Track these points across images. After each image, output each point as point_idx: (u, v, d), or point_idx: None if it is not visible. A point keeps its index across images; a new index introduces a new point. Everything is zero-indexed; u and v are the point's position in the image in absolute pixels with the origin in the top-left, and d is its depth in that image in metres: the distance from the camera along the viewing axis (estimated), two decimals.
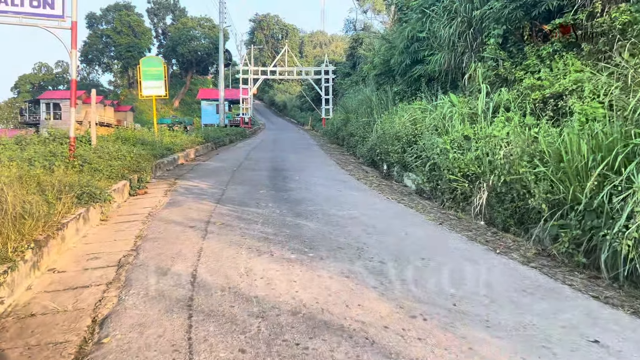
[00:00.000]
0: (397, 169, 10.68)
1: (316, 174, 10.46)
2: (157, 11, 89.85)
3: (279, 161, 13.19)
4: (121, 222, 5.74)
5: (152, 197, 7.48)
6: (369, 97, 16.89)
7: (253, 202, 6.79)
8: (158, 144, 13.33)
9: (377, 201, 7.37)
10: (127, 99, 77.87)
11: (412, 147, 9.97)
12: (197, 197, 7.27)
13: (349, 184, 9.31)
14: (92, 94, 9.70)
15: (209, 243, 4.59)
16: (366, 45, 37.81)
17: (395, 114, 13.53)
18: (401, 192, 8.68)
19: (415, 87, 15.49)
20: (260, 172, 10.62)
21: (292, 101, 71.63)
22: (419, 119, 10.64)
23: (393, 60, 16.39)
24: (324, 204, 6.74)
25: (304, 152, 16.92)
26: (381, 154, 11.80)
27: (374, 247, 4.59)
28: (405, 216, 6.33)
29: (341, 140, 21.55)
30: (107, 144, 9.90)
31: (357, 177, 10.52)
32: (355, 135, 16.31)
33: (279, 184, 8.74)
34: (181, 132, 18.60)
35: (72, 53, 7.48)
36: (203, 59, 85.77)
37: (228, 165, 12.03)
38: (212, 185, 8.58)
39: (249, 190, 7.88)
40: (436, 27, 13.34)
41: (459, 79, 12.73)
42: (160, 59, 19.81)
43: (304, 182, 9.05)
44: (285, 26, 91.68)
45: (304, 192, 7.78)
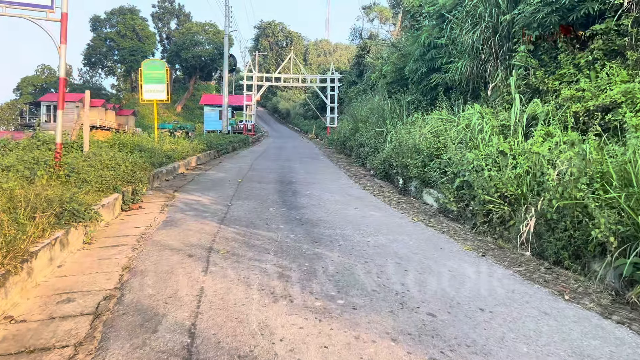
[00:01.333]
0: (416, 185, 9.80)
1: (328, 188, 9.58)
2: (161, 16, 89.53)
3: (286, 172, 12.31)
4: (108, 246, 4.85)
5: (147, 213, 6.60)
6: (381, 106, 16.03)
7: (262, 223, 5.90)
8: (157, 151, 12.48)
9: (402, 223, 6.48)
10: (130, 103, 77.28)
11: (434, 161, 9.11)
12: (198, 215, 6.38)
13: (366, 200, 8.43)
14: (86, 95, 8.86)
15: (212, 280, 3.70)
16: (373, 54, 37.08)
17: (412, 124, 12.68)
18: (425, 212, 7.79)
19: (431, 97, 14.66)
20: (267, 184, 9.74)
21: (296, 109, 71.01)
22: (442, 130, 9.78)
23: (407, 68, 15.57)
24: (343, 227, 5.86)
25: (312, 163, 16.04)
26: (397, 167, 10.93)
27: (415, 290, 3.70)
28: (439, 244, 5.43)
29: (349, 151, 20.71)
30: (101, 151, 9.04)
31: (372, 192, 9.64)
32: (366, 146, 15.45)
33: (288, 199, 7.86)
34: (182, 139, 17.76)
35: (61, 48, 6.64)
36: (207, 64, 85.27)
37: (232, 176, 11.15)
38: (214, 199, 7.70)
39: (256, 207, 6.99)
40: (457, 33, 12.54)
41: (481, 89, 11.90)
42: (162, 62, 19.03)
43: (316, 197, 8.17)
44: (290, 34, 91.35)
45: (318, 211, 6.89)
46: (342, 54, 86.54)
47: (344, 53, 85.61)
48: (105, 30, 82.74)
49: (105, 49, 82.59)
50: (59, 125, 6.80)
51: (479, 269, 4.50)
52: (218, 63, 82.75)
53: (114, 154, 9.03)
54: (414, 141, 10.20)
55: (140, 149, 12.60)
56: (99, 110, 56.22)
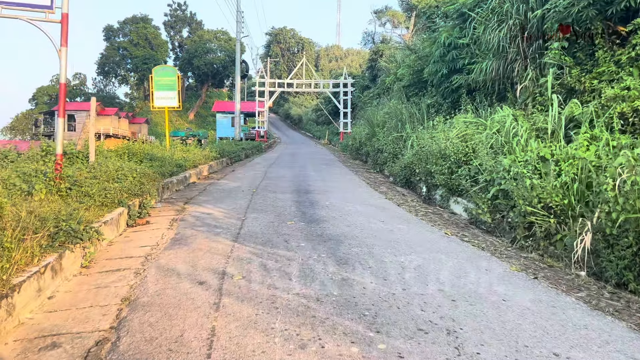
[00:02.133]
0: (442, 193, 9.14)
1: (348, 198, 8.97)
2: (173, 24, 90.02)
3: (301, 180, 11.73)
4: (108, 270, 4.29)
5: (155, 229, 6.04)
6: (399, 110, 15.39)
7: (280, 241, 5.30)
8: (168, 160, 11.98)
9: (434, 238, 5.83)
10: (143, 111, 77.58)
11: (462, 167, 8.46)
12: (210, 231, 5.80)
13: (390, 211, 7.79)
14: (92, 103, 8.38)
15: (225, 318, 3.10)
16: (387, 57, 36.46)
17: (434, 128, 12.04)
18: (455, 224, 7.13)
19: (452, 99, 14.00)
20: (283, 194, 9.15)
21: (308, 115, 70.60)
22: (470, 134, 9.12)
23: (427, 70, 14.92)
24: (371, 244, 5.23)
25: (327, 170, 15.44)
26: (420, 174, 10.27)
27: (469, 328, 3.06)
28: (482, 263, 4.78)
29: (364, 157, 20.09)
30: (107, 161, 8.54)
31: (395, 201, 9.00)
32: (384, 152, 14.81)
33: (307, 211, 7.25)
34: (194, 146, 17.29)
35: (62, 52, 6.14)
36: (219, 71, 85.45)
37: (245, 185, 10.59)
38: (227, 212, 7.12)
39: (273, 222, 6.40)
40: (480, 32, 11.89)
41: (507, 90, 11.23)
42: (174, 69, 18.64)
43: (337, 209, 7.55)
44: (302, 40, 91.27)
45: (341, 224, 6.27)
46: (354, 59, 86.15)
47: (355, 58, 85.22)
48: (118, 39, 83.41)
49: (118, 58, 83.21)
50: (59, 134, 6.30)
51: (536, 295, 3.84)
52: (230, 70, 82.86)
53: (121, 164, 8.53)
54: (439, 146, 9.55)
55: (151, 158, 12.13)
56: (112, 118, 56.39)
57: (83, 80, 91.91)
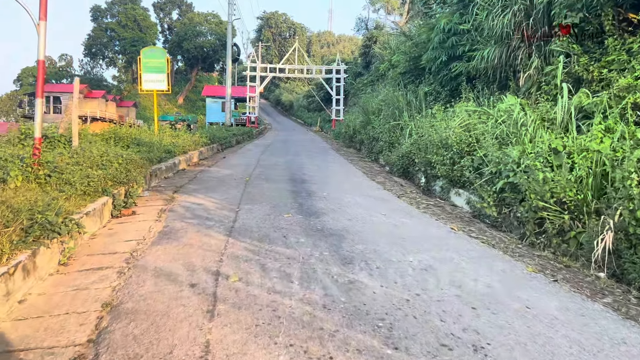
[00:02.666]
0: (442, 184, 8.80)
1: (345, 188, 8.60)
2: (163, 6, 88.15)
3: (296, 169, 11.32)
4: (88, 269, 3.87)
5: (142, 220, 5.62)
6: (395, 98, 14.97)
7: (278, 236, 4.90)
8: (157, 145, 11.49)
9: (441, 234, 5.49)
10: (131, 95, 76.17)
11: (464, 158, 8.11)
12: (202, 224, 5.39)
13: (391, 203, 7.44)
14: (75, 84, 7.87)
15: (221, 329, 2.72)
16: (381, 44, 35.91)
17: (433, 117, 11.67)
18: (460, 217, 6.80)
19: (451, 87, 13.62)
20: (278, 183, 8.75)
21: (299, 101, 69.81)
22: (473, 124, 8.76)
23: (425, 56, 14.49)
24: (375, 240, 4.87)
25: (322, 158, 15.03)
26: (419, 164, 9.92)
27: (497, 343, 2.71)
28: (496, 263, 4.43)
29: (358, 144, 19.69)
30: (92, 146, 8.06)
31: (395, 192, 8.65)
32: (380, 140, 14.43)
33: (305, 202, 6.86)
34: (184, 131, 16.75)
35: (41, 26, 5.63)
36: (209, 55, 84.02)
37: (238, 173, 10.16)
38: (220, 203, 6.71)
39: (269, 214, 6.00)
40: (482, 17, 11.47)
41: (509, 78, 10.87)
42: (163, 51, 18.00)
43: (335, 200, 7.18)
44: (294, 25, 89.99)
45: (341, 218, 5.90)
46: (346, 45, 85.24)
47: (347, 45, 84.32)
48: (106, 20, 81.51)
49: (106, 40, 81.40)
50: (37, 116, 5.82)
51: (561, 302, 3.51)
52: (220, 54, 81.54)
53: (107, 149, 8.05)
54: (440, 136, 9.18)
55: (138, 143, 11.63)
56: (99, 101, 55.24)
57: (69, 62, 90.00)
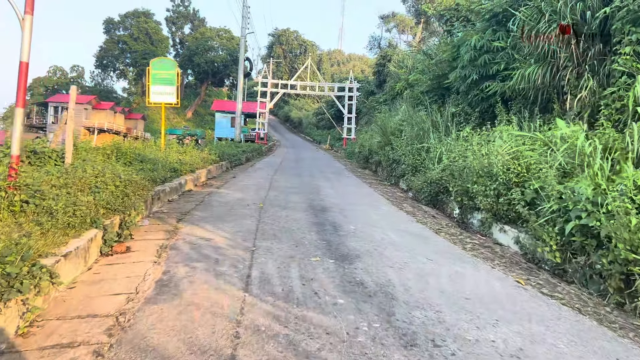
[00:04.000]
0: (483, 217, 7.70)
1: (374, 220, 7.51)
2: (175, 20, 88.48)
3: (313, 193, 10.24)
4: (54, 346, 2.78)
5: (136, 262, 4.54)
6: (420, 118, 13.93)
7: (309, 293, 3.80)
8: (162, 162, 10.48)
9: (510, 292, 4.36)
10: (140, 107, 75.92)
11: (512, 190, 7.00)
12: (210, 270, 4.30)
13: (432, 243, 6.32)
14: (71, 92, 6.89)
15: None
16: (396, 63, 35.11)
17: (464, 140, 10.63)
18: (515, 262, 5.68)
19: (482, 109, 12.58)
20: (296, 212, 7.67)
21: (309, 118, 69.15)
22: (522, 151, 7.67)
23: (453, 75, 13.49)
24: (435, 303, 3.75)
25: (338, 180, 13.96)
26: (453, 193, 8.82)
27: None
28: (603, 344, 3.31)
29: (374, 166, 18.63)
30: (87, 164, 7.03)
31: (430, 226, 7.54)
32: (402, 163, 13.36)
33: (332, 240, 5.77)
34: (192, 147, 15.77)
35: (26, 20, 4.65)
36: (219, 70, 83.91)
37: (250, 197, 9.09)
38: (232, 238, 5.62)
39: (292, 256, 4.91)
40: (526, 32, 10.47)
41: (552, 100, 9.82)
42: (173, 62, 17.12)
43: (366, 237, 6.08)
44: (305, 42, 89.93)
45: (382, 265, 4.79)
46: (356, 64, 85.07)
47: (358, 63, 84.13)
48: (118, 32, 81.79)
49: (117, 52, 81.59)
50: (16, 130, 4.79)
51: None
52: (231, 69, 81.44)
53: (104, 167, 7.02)
54: (481, 162, 8.10)
55: (142, 160, 10.64)
56: (107, 113, 54.80)
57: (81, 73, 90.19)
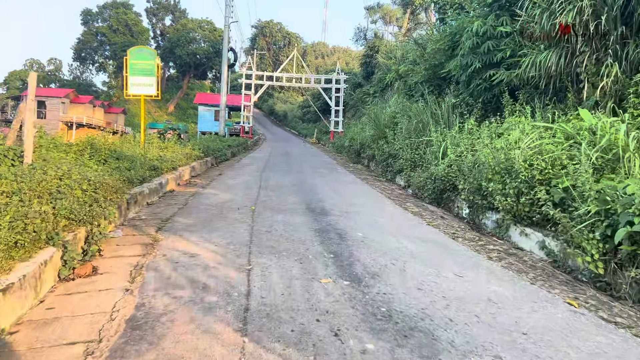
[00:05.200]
0: (500, 219, 6.93)
1: (381, 224, 6.67)
2: (156, 11, 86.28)
3: (308, 192, 9.37)
4: None
5: (103, 290, 3.62)
6: (418, 110, 13.12)
7: (326, 334, 2.93)
8: (140, 160, 9.50)
9: (569, 319, 3.55)
10: (120, 101, 73.98)
11: (536, 189, 6.23)
12: (196, 301, 3.40)
13: (454, 252, 5.50)
14: (30, 78, 5.89)
15: None
16: (384, 53, 34.30)
17: (469, 133, 9.87)
18: (552, 275, 4.89)
19: (486, 99, 11.82)
20: (294, 215, 6.79)
21: (294, 111, 68.17)
22: (544, 145, 6.89)
23: (452, 63, 12.69)
24: (486, 341, 2.93)
25: (332, 177, 13.10)
26: (464, 190, 8.02)
27: None
28: None
29: (366, 161, 17.82)
30: (49, 164, 6.04)
31: (443, 230, 6.74)
32: (399, 158, 12.57)
33: (341, 252, 4.91)
34: (174, 142, 14.74)
35: None
36: (202, 62, 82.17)
37: (240, 198, 8.18)
38: (223, 252, 4.72)
39: (297, 277, 4.03)
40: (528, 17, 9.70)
41: (567, 88, 9.08)
42: (153, 51, 15.99)
43: (379, 247, 5.24)
44: (289, 34, 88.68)
45: (408, 287, 3.95)
46: (340, 56, 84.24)
47: (342, 56, 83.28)
48: (96, 24, 79.44)
49: (96, 44, 79.31)
50: None
51: None
52: (214, 62, 79.79)
53: (70, 167, 6.04)
54: (496, 158, 7.30)
55: (118, 157, 9.65)
56: (86, 107, 53.02)
57: (58, 66, 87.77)
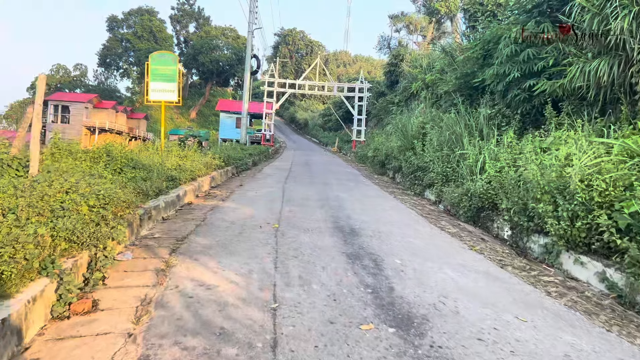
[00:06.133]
0: (549, 243, 6.16)
1: (419, 247, 5.96)
2: (180, 18, 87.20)
3: (335, 207, 8.72)
4: None
5: (102, 333, 3.01)
6: (452, 121, 12.37)
7: None
8: (157, 170, 8.99)
9: None
10: (143, 107, 74.65)
11: (594, 212, 5.47)
12: (212, 355, 2.77)
13: (508, 286, 4.77)
14: (39, 82, 5.41)
15: None
16: (410, 62, 33.57)
17: (509, 147, 9.14)
18: (624, 317, 4.13)
19: (524, 110, 11.02)
20: (321, 237, 6.14)
21: (314, 119, 67.81)
22: (603, 164, 6.12)
23: (489, 72, 11.92)
24: None
25: (358, 190, 12.42)
26: (507, 209, 7.25)
27: None
28: None
29: (392, 172, 17.10)
30: (56, 175, 5.53)
31: (488, 255, 6.00)
32: (429, 171, 11.84)
33: (380, 286, 4.23)
34: (194, 150, 14.27)
35: None
36: (224, 70, 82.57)
37: (262, 215, 7.56)
38: (243, 284, 4.09)
39: (332, 320, 3.36)
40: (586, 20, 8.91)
41: (620, 100, 8.27)
42: (174, 56, 15.62)
43: (423, 279, 4.54)
44: (311, 42, 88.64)
45: (467, 337, 3.24)
46: (362, 65, 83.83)
47: (364, 65, 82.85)
48: (121, 30, 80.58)
49: (120, 50, 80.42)
50: None
51: None
52: (236, 69, 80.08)
53: (79, 180, 5.52)
54: (547, 176, 6.54)
55: (134, 166, 9.16)
56: (109, 112, 53.46)
57: (84, 72, 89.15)
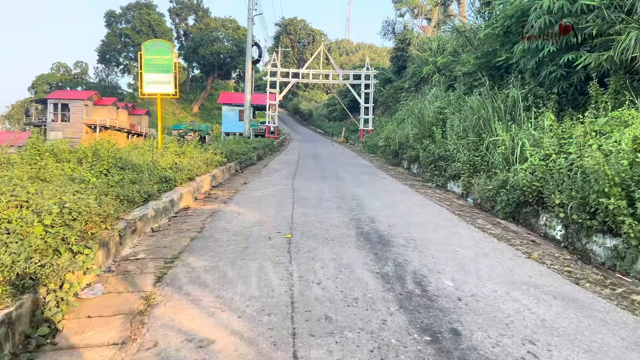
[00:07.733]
0: (622, 247, 4.98)
1: (468, 259, 4.80)
2: (179, 11, 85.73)
3: (354, 207, 7.54)
4: None
5: None
6: (479, 104, 11.09)
7: None
8: (149, 170, 7.85)
9: None
10: (144, 102, 73.58)
11: None
12: None
13: (600, 317, 3.58)
14: None
15: None
16: (418, 46, 32.18)
17: (551, 132, 7.93)
18: None
19: (561, 89, 9.75)
20: (345, 249, 4.98)
21: (319, 110, 66.53)
22: None
23: (518, 47, 10.62)
24: None
25: (375, 184, 11.23)
26: (562, 205, 6.05)
27: None
28: None
29: (407, 162, 15.89)
30: (10, 185, 4.42)
31: (553, 267, 4.82)
32: (455, 161, 10.64)
33: (438, 328, 3.07)
34: (194, 146, 13.11)
35: None
36: (225, 62, 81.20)
37: (271, 221, 6.40)
38: (251, 335, 2.93)
39: None
40: None
41: None
42: (169, 45, 14.42)
43: (490, 312, 3.38)
44: (312, 31, 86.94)
45: None
46: (365, 53, 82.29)
47: (367, 52, 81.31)
48: (120, 25, 79.32)
49: (120, 46, 79.26)
50: None
51: None
52: (237, 61, 78.72)
53: (39, 189, 4.40)
54: (617, 164, 5.34)
55: (122, 166, 8.05)
56: (110, 109, 52.43)
57: (85, 69, 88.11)
